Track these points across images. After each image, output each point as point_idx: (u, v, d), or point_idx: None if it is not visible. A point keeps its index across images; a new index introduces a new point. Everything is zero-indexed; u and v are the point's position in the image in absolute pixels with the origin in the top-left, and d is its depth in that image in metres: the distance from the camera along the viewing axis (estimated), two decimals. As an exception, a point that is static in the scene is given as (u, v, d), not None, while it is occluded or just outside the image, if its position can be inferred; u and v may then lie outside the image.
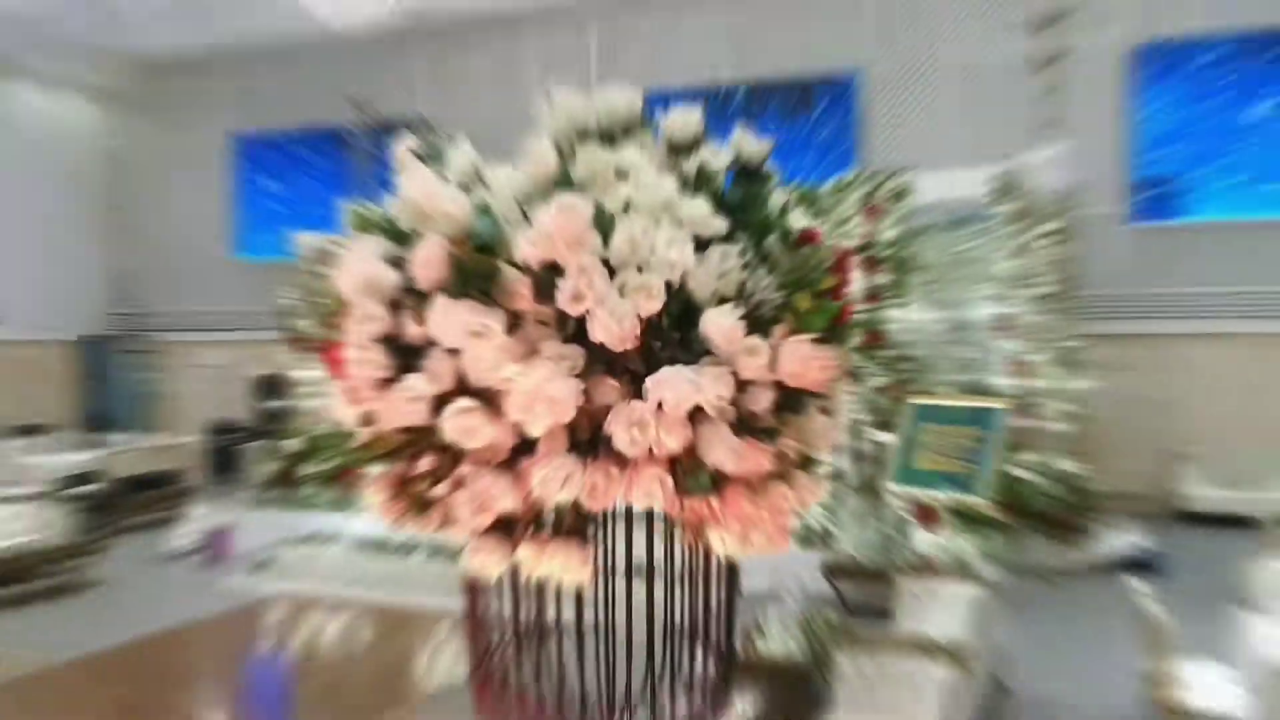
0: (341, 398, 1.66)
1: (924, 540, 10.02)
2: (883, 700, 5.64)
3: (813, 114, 16.22)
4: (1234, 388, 13.50)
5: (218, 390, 19.76)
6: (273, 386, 16.79)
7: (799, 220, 1.67)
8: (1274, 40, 13.75)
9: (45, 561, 9.87)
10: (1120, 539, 10.66)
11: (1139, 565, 10.53)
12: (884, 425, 13.05)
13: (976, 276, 12.03)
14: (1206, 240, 14.00)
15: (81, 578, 10.17)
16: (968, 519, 9.91)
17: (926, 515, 9.89)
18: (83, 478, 13.98)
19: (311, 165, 19.82)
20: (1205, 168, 14.21)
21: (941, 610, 6.62)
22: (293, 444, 14.26)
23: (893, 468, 10.60)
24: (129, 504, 13.17)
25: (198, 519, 11.58)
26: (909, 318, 13.49)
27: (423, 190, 1.53)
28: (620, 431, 1.46)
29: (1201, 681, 6.04)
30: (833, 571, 9.08)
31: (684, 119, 1.75)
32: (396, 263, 1.57)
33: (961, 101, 15.18)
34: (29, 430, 17.93)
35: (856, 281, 13.79)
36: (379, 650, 8.19)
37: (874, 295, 13.85)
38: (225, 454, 16.92)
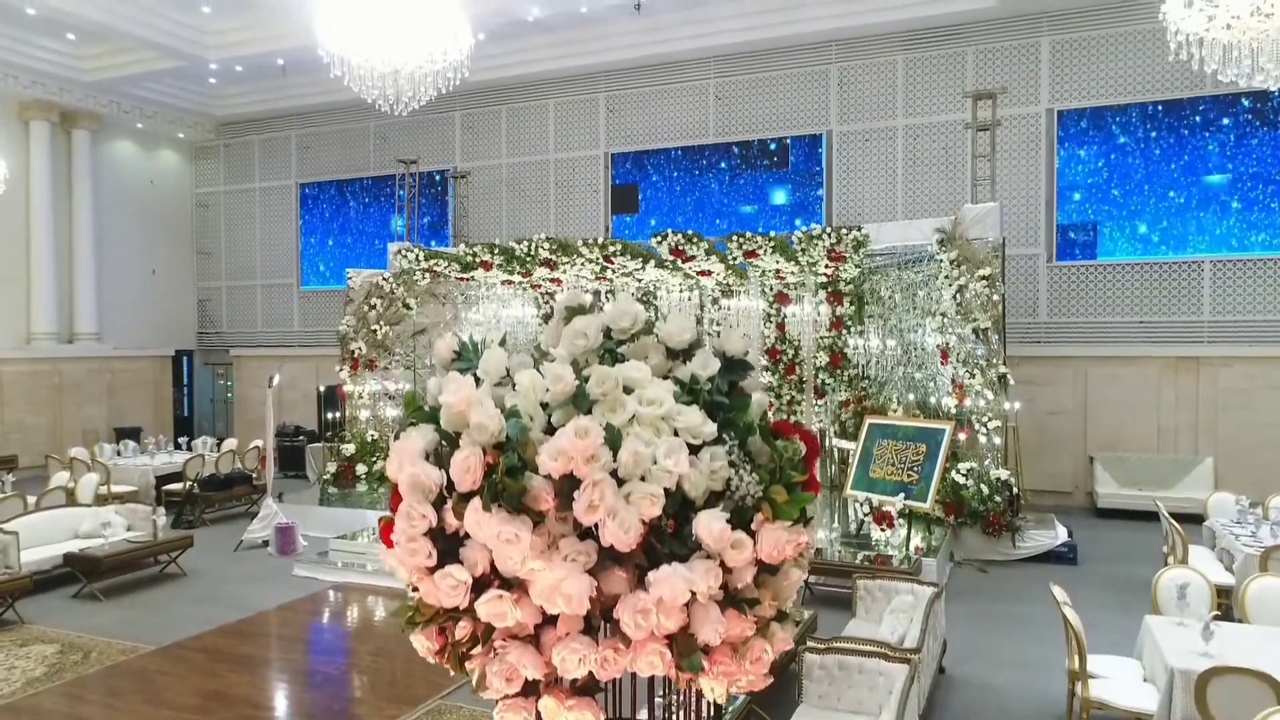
0: (396, 560, 1.66)
1: (880, 538, 10.02)
2: (846, 696, 5.63)
3: (787, 168, 16.18)
4: (1138, 402, 13.48)
5: (285, 397, 19.76)
6: (331, 396, 16.79)
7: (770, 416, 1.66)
8: (1173, 111, 13.73)
9: (146, 556, 9.85)
10: (1044, 534, 10.62)
11: (1059, 556, 10.54)
12: (845, 434, 13.07)
13: (923, 310, 12.01)
14: (1115, 277, 13.98)
15: (175, 568, 10.16)
16: (916, 520, 9.92)
17: (882, 518, 9.89)
18: (172, 477, 14.00)
19: (363, 208, 19.79)
20: (1115, 215, 14.19)
21: (895, 608, 6.61)
22: (348, 448, 14.28)
23: (853, 476, 10.61)
24: (210, 500, 13.12)
25: (267, 516, 11.54)
26: (868, 343, 13.50)
27: (462, 398, 1.53)
28: (627, 617, 1.47)
29: (1116, 677, 6.01)
30: (802, 567, 9.10)
31: (679, 330, 1.74)
32: (440, 455, 1.57)
33: (910, 160, 15.17)
34: (129, 433, 17.97)
35: (825, 312, 13.79)
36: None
37: (837, 323, 13.87)
38: (292, 453, 16.91)
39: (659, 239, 12.26)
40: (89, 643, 7.97)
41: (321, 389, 17.10)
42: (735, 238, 12.17)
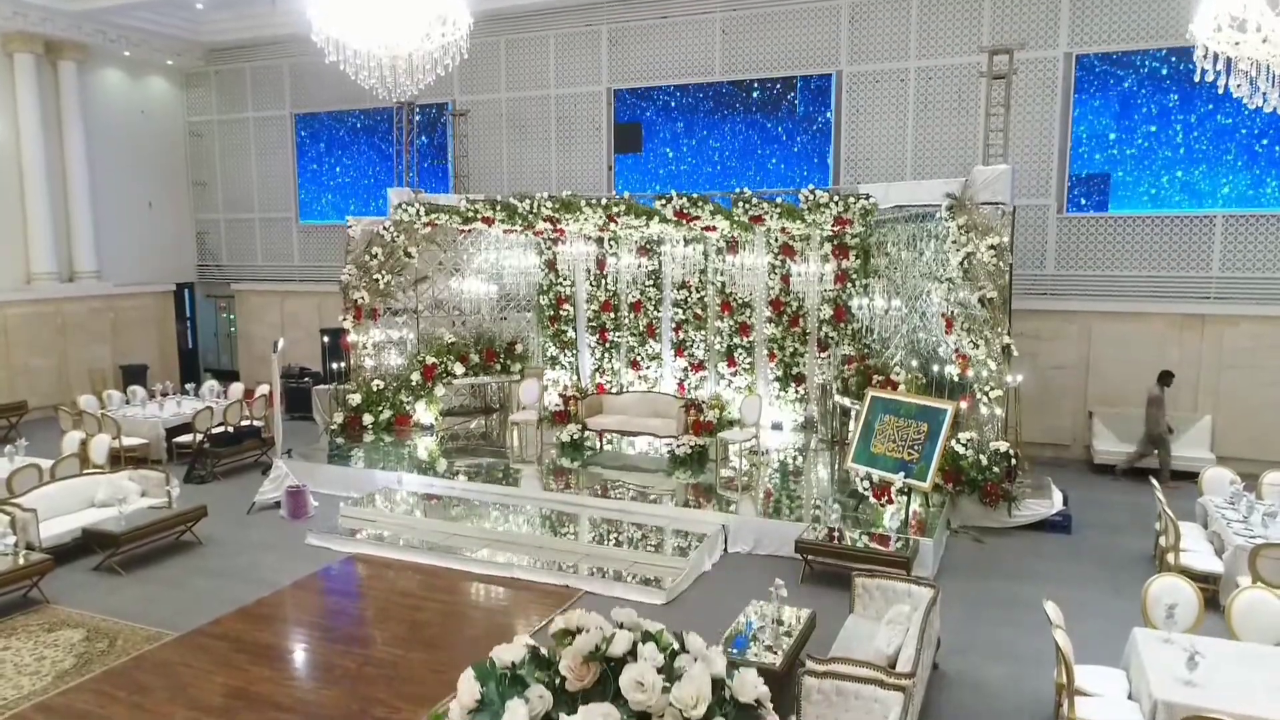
0: None
1: (878, 512, 10.18)
2: (843, 719, 5.88)
3: (795, 109, 15.76)
4: (1141, 359, 13.47)
5: (287, 334, 19.80)
6: (335, 341, 16.81)
7: None
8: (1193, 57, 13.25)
9: (162, 529, 10.06)
10: (1040, 503, 10.82)
11: (1054, 525, 10.76)
12: (847, 390, 13.15)
13: (929, 273, 11.88)
14: (1126, 230, 13.80)
15: (190, 537, 10.41)
16: (915, 495, 10.08)
17: (881, 493, 10.08)
18: (182, 428, 14.18)
19: (360, 141, 19.36)
20: (1129, 166, 13.90)
21: (892, 619, 6.81)
22: (354, 398, 14.39)
23: (854, 449, 10.74)
24: (221, 455, 13.30)
25: (278, 477, 11.75)
26: (873, 302, 13.42)
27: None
28: None
29: (1103, 693, 6.23)
30: (805, 547, 9.31)
31: (694, 698, 1.78)
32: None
33: (921, 104, 14.75)
34: (136, 372, 18.12)
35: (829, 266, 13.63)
36: (442, 620, 8.40)
37: (842, 275, 13.75)
38: (298, 395, 17.05)
39: (664, 201, 12.09)
40: (113, 628, 8.25)
41: (325, 339, 17.05)
42: (740, 202, 11.98)
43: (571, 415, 13.41)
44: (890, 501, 9.94)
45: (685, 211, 11.81)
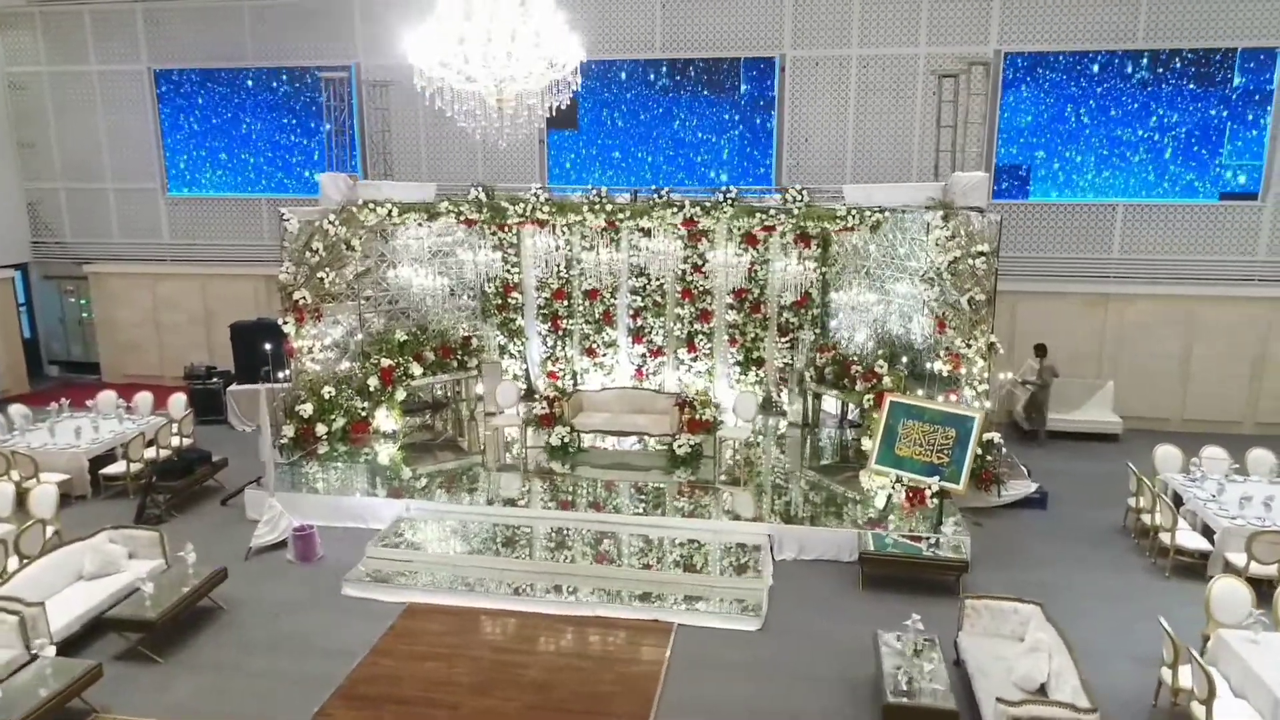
0: None
1: (907, 513, 10.87)
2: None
3: (738, 92, 15.78)
4: (1057, 332, 15.09)
5: (163, 319, 17.68)
6: (246, 332, 15.28)
7: None
8: (1104, 61, 14.66)
9: (193, 602, 8.93)
10: (1020, 484, 12.06)
11: (1031, 502, 12.09)
12: (823, 380, 13.80)
13: (907, 270, 12.59)
14: (1047, 217, 15.23)
15: (208, 600, 9.35)
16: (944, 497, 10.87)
17: (915, 497, 10.84)
18: (105, 459, 12.52)
19: (244, 105, 17.18)
20: (1046, 157, 15.26)
21: (1034, 646, 7.53)
22: (305, 408, 13.26)
23: (877, 452, 11.40)
24: (173, 490, 11.83)
25: (272, 518, 10.71)
26: (838, 292, 14.02)
27: None
28: None
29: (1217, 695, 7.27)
30: (867, 558, 9.89)
31: None
32: None
33: (862, 91, 15.28)
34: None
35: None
36: (561, 678, 8.16)
37: (805, 263, 14.18)
38: (207, 397, 15.42)
39: (672, 208, 11.93)
40: (204, 737, 7.43)
41: (236, 322, 15.31)
42: (744, 212, 12.02)
43: (557, 417, 13.13)
44: (923, 504, 10.72)
45: (693, 219, 11.74)
